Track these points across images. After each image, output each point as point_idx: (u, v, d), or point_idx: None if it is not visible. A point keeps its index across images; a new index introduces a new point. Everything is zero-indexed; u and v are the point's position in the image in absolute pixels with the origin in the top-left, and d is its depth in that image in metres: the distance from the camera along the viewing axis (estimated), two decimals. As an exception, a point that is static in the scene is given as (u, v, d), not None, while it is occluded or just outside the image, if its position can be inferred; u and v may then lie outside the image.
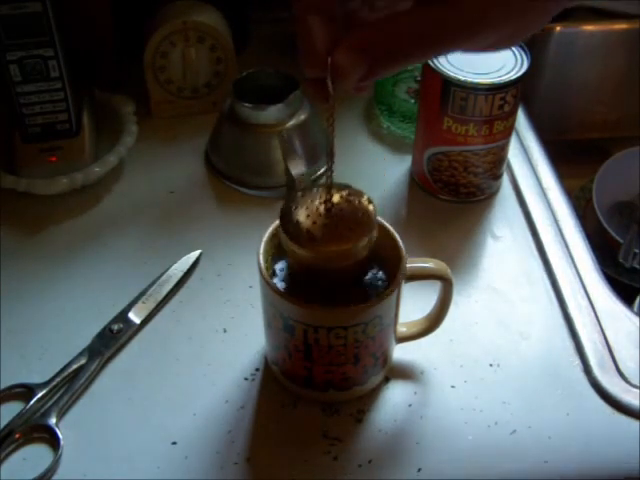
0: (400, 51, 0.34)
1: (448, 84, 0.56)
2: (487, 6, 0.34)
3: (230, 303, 0.55)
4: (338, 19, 0.36)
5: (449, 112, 0.57)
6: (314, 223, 0.40)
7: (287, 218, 0.41)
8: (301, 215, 0.41)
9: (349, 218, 0.41)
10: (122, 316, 0.53)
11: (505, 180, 0.65)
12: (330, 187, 0.41)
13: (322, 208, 0.41)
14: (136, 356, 0.51)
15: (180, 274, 0.56)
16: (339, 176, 0.41)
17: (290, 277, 0.45)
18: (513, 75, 0.55)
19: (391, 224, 0.46)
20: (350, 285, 0.44)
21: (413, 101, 0.68)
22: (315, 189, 0.42)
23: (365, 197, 0.42)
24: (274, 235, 0.46)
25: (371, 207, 0.42)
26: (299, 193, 0.42)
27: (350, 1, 0.38)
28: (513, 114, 0.58)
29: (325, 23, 0.35)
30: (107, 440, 0.46)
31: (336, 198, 0.41)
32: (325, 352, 0.44)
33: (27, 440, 0.46)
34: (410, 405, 0.48)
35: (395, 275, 0.43)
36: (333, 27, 0.35)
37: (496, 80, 0.55)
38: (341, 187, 0.42)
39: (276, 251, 0.46)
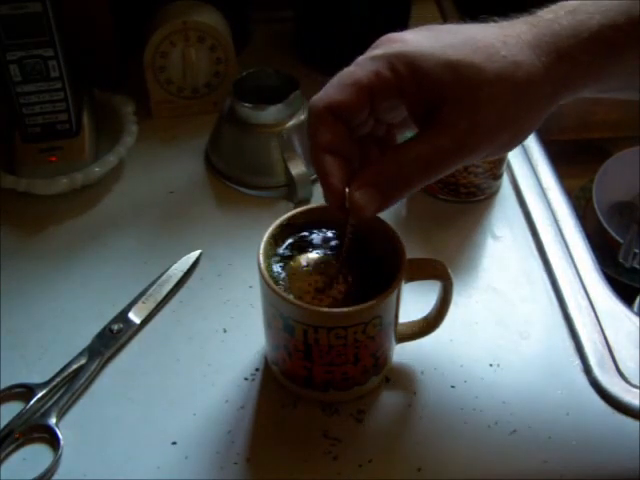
0: (407, 182, 0.39)
1: (448, 84, 0.55)
2: (481, 123, 0.38)
3: (230, 303, 0.55)
4: (355, 145, 0.41)
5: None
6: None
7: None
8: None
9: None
10: (122, 316, 0.53)
11: (505, 180, 0.65)
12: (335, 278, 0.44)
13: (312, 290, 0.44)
14: (136, 356, 0.51)
15: (180, 274, 0.56)
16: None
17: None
18: (513, 75, 0.55)
19: (391, 224, 0.46)
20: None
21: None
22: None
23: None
24: (274, 235, 0.46)
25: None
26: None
27: (361, 129, 0.41)
28: (513, 114, 0.58)
29: (340, 161, 0.39)
30: (107, 440, 0.46)
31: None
32: (325, 352, 0.44)
33: (27, 440, 0.46)
34: (410, 405, 0.48)
35: (395, 275, 0.43)
36: (348, 163, 0.40)
37: (496, 80, 0.55)
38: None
39: (276, 251, 0.46)
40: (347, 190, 0.39)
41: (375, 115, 0.41)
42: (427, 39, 0.39)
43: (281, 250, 0.46)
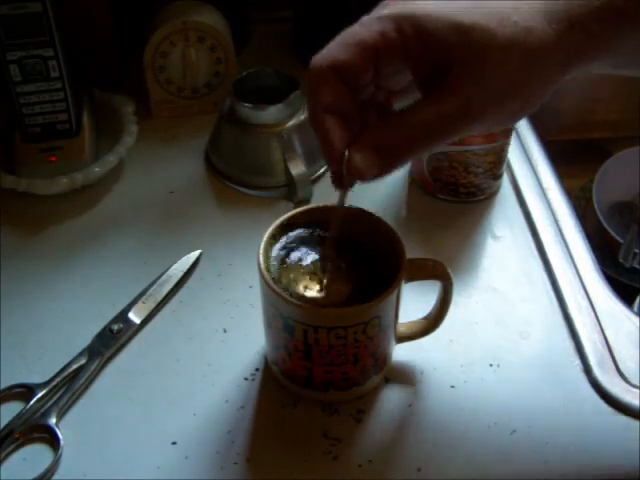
0: (409, 147, 0.37)
1: (448, 84, 0.55)
2: (490, 89, 0.36)
3: (230, 303, 0.55)
4: (356, 109, 0.39)
5: (449, 112, 0.57)
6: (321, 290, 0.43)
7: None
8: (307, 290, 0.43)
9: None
10: (122, 316, 0.53)
11: (505, 180, 0.65)
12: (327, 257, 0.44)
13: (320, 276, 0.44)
14: (136, 356, 0.51)
15: (180, 274, 0.56)
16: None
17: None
18: (513, 75, 0.55)
19: (391, 224, 0.46)
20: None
21: (413, 101, 0.68)
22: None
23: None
24: (274, 235, 0.46)
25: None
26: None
27: (363, 93, 0.40)
28: (513, 114, 0.58)
29: (341, 122, 0.38)
30: (107, 440, 0.46)
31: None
32: (325, 352, 0.44)
33: (27, 440, 0.46)
34: (410, 405, 0.48)
35: (395, 275, 0.43)
36: (349, 125, 0.38)
37: (496, 80, 0.55)
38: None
39: (276, 251, 0.46)
40: (346, 153, 0.37)
41: (378, 79, 0.39)
42: (436, 1, 0.38)
43: (281, 250, 0.46)
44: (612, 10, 0.37)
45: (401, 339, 0.49)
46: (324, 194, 0.61)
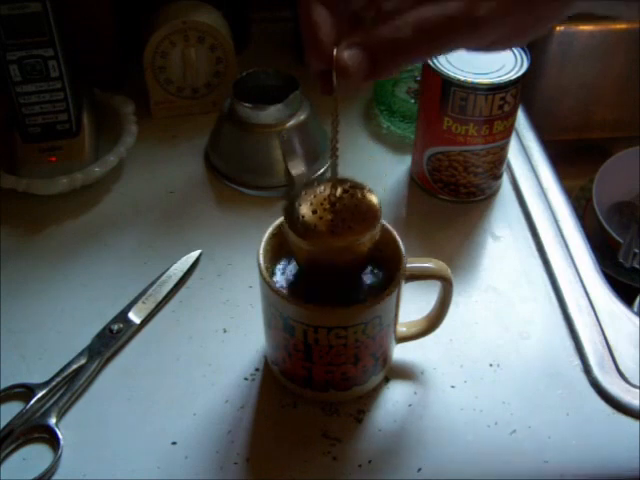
0: (402, 49, 0.34)
1: (448, 84, 0.55)
2: None
3: (230, 303, 0.55)
4: (344, 15, 0.36)
5: (449, 112, 0.57)
6: (320, 218, 0.40)
7: (291, 214, 0.41)
8: (306, 211, 0.41)
9: (354, 211, 0.41)
10: (122, 316, 0.53)
11: (505, 180, 0.65)
12: (334, 181, 0.41)
13: (326, 203, 0.41)
14: (136, 356, 0.51)
15: (180, 274, 0.56)
16: (340, 175, 0.41)
17: (292, 277, 0.45)
18: (513, 75, 0.55)
19: (391, 224, 0.46)
20: (352, 283, 0.44)
21: (413, 101, 0.68)
22: (317, 184, 0.42)
23: (367, 189, 0.42)
24: (274, 235, 0.46)
25: (375, 200, 0.41)
26: (302, 189, 0.42)
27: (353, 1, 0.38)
28: (513, 114, 0.58)
29: (330, 15, 0.35)
30: (107, 440, 0.46)
31: (339, 192, 0.41)
32: (325, 352, 0.44)
33: (27, 440, 0.46)
34: (410, 405, 0.48)
35: (395, 275, 0.43)
36: (338, 19, 0.35)
37: (496, 80, 0.55)
38: (343, 181, 0.42)
39: (276, 251, 0.46)
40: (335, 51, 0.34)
41: None
42: None
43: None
44: None
45: (401, 339, 0.49)
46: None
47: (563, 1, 0.36)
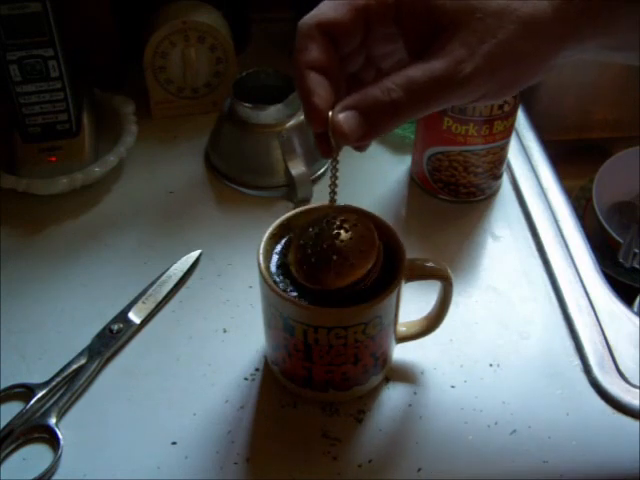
0: (393, 110, 0.35)
1: (448, 84, 0.55)
2: (481, 53, 0.35)
3: (230, 303, 0.55)
4: (342, 77, 0.38)
5: (449, 112, 0.57)
6: (323, 261, 0.41)
7: (295, 258, 0.42)
8: (309, 255, 0.42)
9: (353, 246, 0.42)
10: (122, 316, 0.53)
11: (505, 180, 0.65)
12: (330, 218, 0.43)
13: (326, 243, 0.42)
14: (136, 356, 0.51)
15: (180, 274, 0.56)
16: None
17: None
18: (513, 75, 0.55)
19: (391, 224, 0.46)
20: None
21: (413, 101, 0.68)
22: (316, 223, 0.43)
23: (358, 219, 0.43)
24: (274, 235, 0.46)
25: (370, 228, 0.43)
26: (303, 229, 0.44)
27: (351, 63, 0.39)
28: (513, 114, 0.58)
29: (324, 80, 0.36)
30: (107, 440, 0.46)
31: (336, 230, 0.42)
32: (325, 352, 0.44)
33: (27, 440, 0.46)
34: (410, 405, 0.48)
35: (395, 275, 0.43)
36: (333, 85, 0.37)
37: (496, 80, 0.55)
38: (335, 216, 0.43)
39: (276, 251, 0.46)
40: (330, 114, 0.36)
41: (367, 48, 0.39)
42: None
43: (280, 249, 0.46)
44: None
45: (401, 339, 0.49)
46: (324, 194, 0.61)
47: (548, 57, 0.37)
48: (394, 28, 0.37)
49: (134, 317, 0.53)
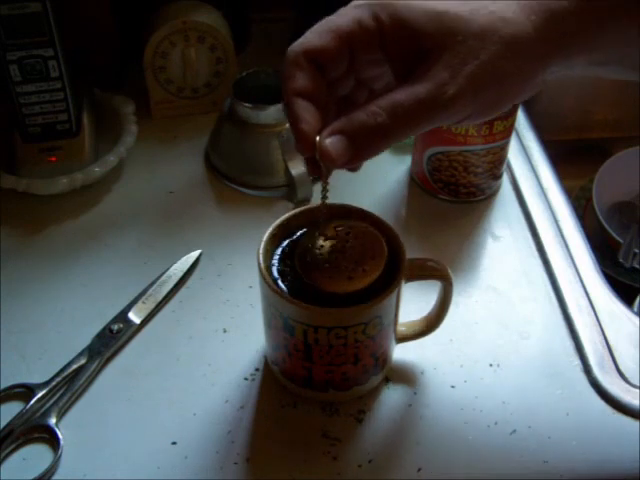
0: (380, 134, 0.36)
1: (448, 84, 0.55)
2: (464, 75, 0.36)
3: (230, 303, 0.55)
4: (331, 104, 0.39)
5: (449, 112, 0.57)
6: (335, 267, 0.42)
7: (306, 263, 0.43)
8: (319, 259, 0.42)
9: (362, 251, 0.43)
10: (122, 316, 0.53)
11: (505, 180, 0.65)
12: (334, 224, 0.43)
13: (335, 249, 0.43)
14: (136, 356, 0.51)
15: (180, 274, 0.56)
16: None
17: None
18: (513, 75, 0.55)
19: (391, 224, 0.46)
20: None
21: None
22: (317, 232, 0.44)
23: (366, 225, 0.44)
24: (274, 235, 0.46)
25: (376, 232, 0.43)
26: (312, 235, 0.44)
27: (341, 86, 0.40)
28: (513, 114, 0.58)
29: (312, 106, 0.37)
30: (107, 440, 0.46)
31: (343, 236, 0.43)
32: (325, 352, 0.44)
33: (27, 440, 0.46)
34: (410, 405, 0.48)
35: (395, 275, 0.43)
36: (321, 111, 0.37)
37: (496, 80, 0.55)
38: (341, 222, 0.44)
39: (276, 251, 0.46)
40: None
41: (356, 72, 0.39)
42: None
43: (280, 249, 0.46)
44: (592, 3, 0.37)
45: (401, 339, 0.49)
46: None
47: (531, 76, 0.38)
48: (380, 54, 0.38)
49: (134, 317, 0.53)
